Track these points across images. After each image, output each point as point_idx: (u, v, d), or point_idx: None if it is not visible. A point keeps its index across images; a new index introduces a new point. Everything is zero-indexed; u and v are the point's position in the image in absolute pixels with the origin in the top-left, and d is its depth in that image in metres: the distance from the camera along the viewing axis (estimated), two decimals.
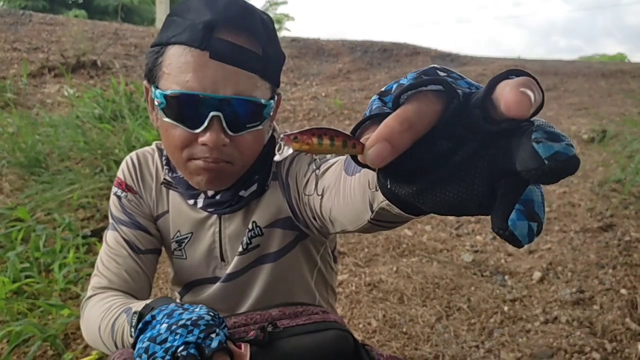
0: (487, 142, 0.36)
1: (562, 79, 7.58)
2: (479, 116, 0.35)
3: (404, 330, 2.03)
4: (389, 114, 0.37)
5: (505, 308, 2.16)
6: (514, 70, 0.35)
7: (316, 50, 8.32)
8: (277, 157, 0.40)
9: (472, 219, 3.07)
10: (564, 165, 0.31)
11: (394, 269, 2.48)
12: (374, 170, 0.41)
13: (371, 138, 0.36)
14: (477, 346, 1.94)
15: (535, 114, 0.33)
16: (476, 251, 2.68)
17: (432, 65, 0.40)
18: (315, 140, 0.38)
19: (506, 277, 2.42)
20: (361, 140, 0.38)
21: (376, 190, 0.43)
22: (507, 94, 0.32)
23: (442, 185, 0.38)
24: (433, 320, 2.10)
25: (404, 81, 0.39)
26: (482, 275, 2.45)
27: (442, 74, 0.39)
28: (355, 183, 0.58)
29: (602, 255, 2.51)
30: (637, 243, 2.57)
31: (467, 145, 0.37)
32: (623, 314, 2.05)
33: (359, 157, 0.39)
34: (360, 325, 2.07)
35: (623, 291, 2.20)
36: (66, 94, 4.90)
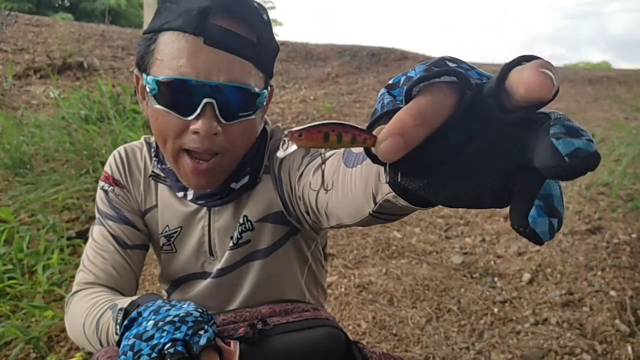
0: (501, 134, 0.35)
1: None
2: (492, 106, 0.33)
3: (394, 331, 2.02)
4: None
5: (495, 309, 2.16)
6: (526, 56, 0.33)
7: (305, 54, 8.31)
8: (280, 154, 0.38)
9: (461, 221, 3.07)
10: (585, 163, 0.30)
11: (384, 270, 2.47)
12: (383, 164, 0.39)
13: (383, 132, 0.34)
14: (467, 348, 1.93)
15: (552, 98, 0.31)
16: (465, 253, 2.68)
17: (442, 57, 0.38)
18: (321, 137, 0.36)
19: (496, 278, 2.42)
20: (374, 132, 0.37)
21: (384, 181, 0.41)
22: (527, 76, 0.30)
23: (454, 179, 0.37)
24: (423, 321, 2.08)
25: (412, 73, 0.38)
26: (472, 277, 2.44)
27: (452, 64, 0.37)
28: (357, 175, 0.56)
29: (590, 257, 2.52)
30: (625, 245, 2.58)
31: (480, 138, 0.36)
32: (613, 316, 2.06)
33: (373, 149, 0.38)
34: (350, 327, 2.05)
35: (612, 293, 2.20)
36: (52, 95, 4.84)
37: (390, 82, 0.41)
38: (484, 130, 0.35)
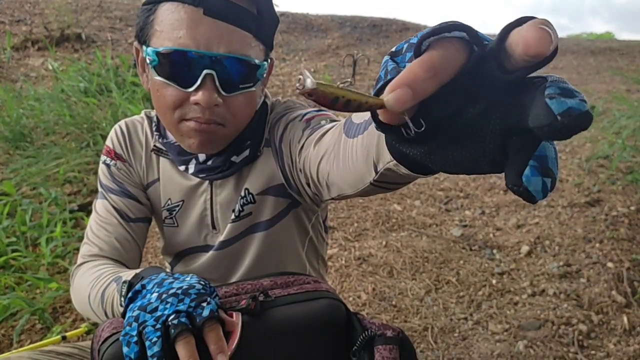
0: (499, 97, 0.35)
1: None
2: (493, 66, 0.34)
3: (394, 303, 2.05)
4: None
5: (494, 281, 2.18)
6: (526, 17, 0.33)
7: (305, 25, 8.21)
8: (299, 91, 0.38)
9: (461, 194, 3.08)
10: (576, 121, 0.31)
11: (384, 243, 2.49)
12: (389, 129, 0.39)
13: (392, 82, 0.34)
14: (465, 318, 1.96)
15: (550, 59, 0.32)
16: (465, 226, 2.69)
17: (446, 21, 0.39)
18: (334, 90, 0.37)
19: (494, 251, 2.44)
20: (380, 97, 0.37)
21: (409, 134, 0.41)
22: (526, 33, 0.31)
23: (453, 144, 0.37)
24: (422, 293, 2.11)
25: (415, 40, 0.38)
26: (471, 250, 2.47)
27: None
28: (358, 145, 0.57)
29: (589, 229, 2.54)
30: (623, 218, 2.60)
31: (479, 101, 0.36)
32: (609, 287, 2.08)
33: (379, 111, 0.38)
34: (350, 299, 2.07)
35: (610, 265, 2.23)
36: (50, 67, 4.80)
37: (394, 49, 0.41)
38: (484, 92, 0.36)
